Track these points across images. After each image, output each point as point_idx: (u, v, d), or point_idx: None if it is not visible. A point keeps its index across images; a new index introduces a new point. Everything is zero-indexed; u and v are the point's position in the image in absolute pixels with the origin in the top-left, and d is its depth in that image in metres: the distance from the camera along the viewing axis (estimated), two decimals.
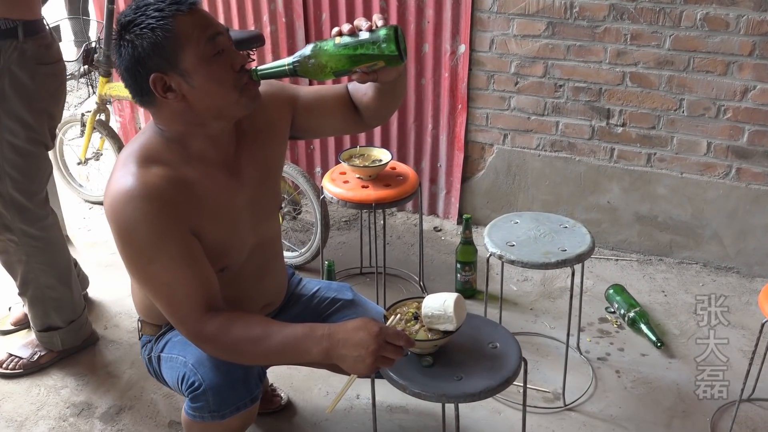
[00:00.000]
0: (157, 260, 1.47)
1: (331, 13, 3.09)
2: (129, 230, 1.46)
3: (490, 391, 1.54)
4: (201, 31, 1.44)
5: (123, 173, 1.48)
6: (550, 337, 2.52)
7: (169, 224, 1.47)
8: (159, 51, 1.42)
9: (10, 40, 2.03)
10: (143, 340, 1.83)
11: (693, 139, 2.78)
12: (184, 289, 1.49)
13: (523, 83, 2.93)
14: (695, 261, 2.93)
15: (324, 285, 1.97)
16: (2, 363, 2.38)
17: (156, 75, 1.44)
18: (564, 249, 2.09)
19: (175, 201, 1.47)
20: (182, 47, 1.42)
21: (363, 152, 2.59)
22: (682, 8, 2.60)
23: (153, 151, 1.51)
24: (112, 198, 1.47)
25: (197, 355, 1.61)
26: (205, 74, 1.44)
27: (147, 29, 1.41)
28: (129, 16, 1.44)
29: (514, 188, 3.12)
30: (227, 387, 1.59)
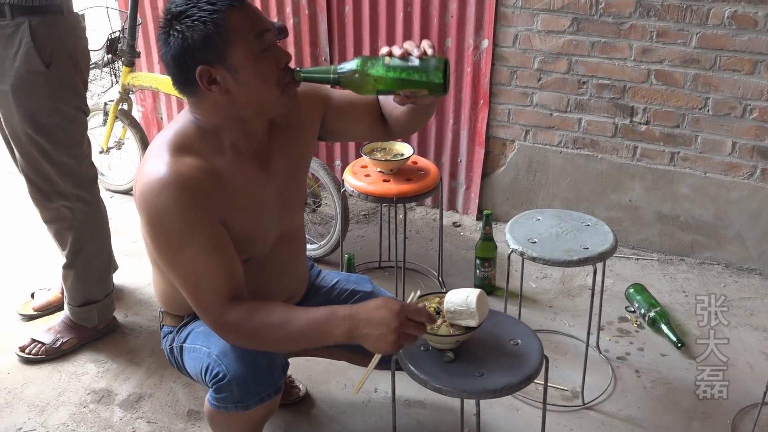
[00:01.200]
0: (186, 249, 1.49)
1: (354, 6, 3.08)
2: (160, 219, 1.48)
3: (511, 388, 1.54)
4: (251, 27, 1.46)
5: (156, 161, 1.50)
6: (569, 335, 2.51)
7: (200, 214, 1.49)
8: (209, 44, 1.44)
9: (59, 14, 2.13)
10: (164, 331, 1.85)
11: (718, 138, 2.75)
12: (211, 278, 1.50)
13: (546, 79, 2.91)
14: (717, 262, 2.90)
15: (343, 277, 1.99)
16: (25, 348, 2.41)
17: (203, 67, 1.46)
18: (586, 247, 2.08)
19: (206, 191, 1.49)
20: (232, 42, 1.44)
21: (385, 146, 2.59)
22: (710, 6, 2.57)
23: (186, 141, 1.53)
24: (145, 186, 1.49)
25: (221, 345, 1.62)
26: (252, 70, 1.46)
27: (199, 22, 1.43)
28: (180, 7, 1.45)
29: (534, 185, 3.11)
30: (252, 377, 1.60)
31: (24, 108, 2.13)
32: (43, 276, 2.83)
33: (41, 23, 2.09)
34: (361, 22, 3.10)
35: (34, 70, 2.10)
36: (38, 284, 2.75)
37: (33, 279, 2.83)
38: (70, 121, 2.24)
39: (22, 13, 2.06)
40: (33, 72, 2.10)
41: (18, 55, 2.08)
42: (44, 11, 2.09)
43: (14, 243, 3.14)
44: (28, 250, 3.07)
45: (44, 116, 2.17)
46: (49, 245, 3.01)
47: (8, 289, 2.79)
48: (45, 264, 2.93)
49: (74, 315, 2.42)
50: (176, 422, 2.15)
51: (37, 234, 3.15)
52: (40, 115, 2.16)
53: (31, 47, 2.08)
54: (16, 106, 2.13)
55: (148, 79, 3.17)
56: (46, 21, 2.10)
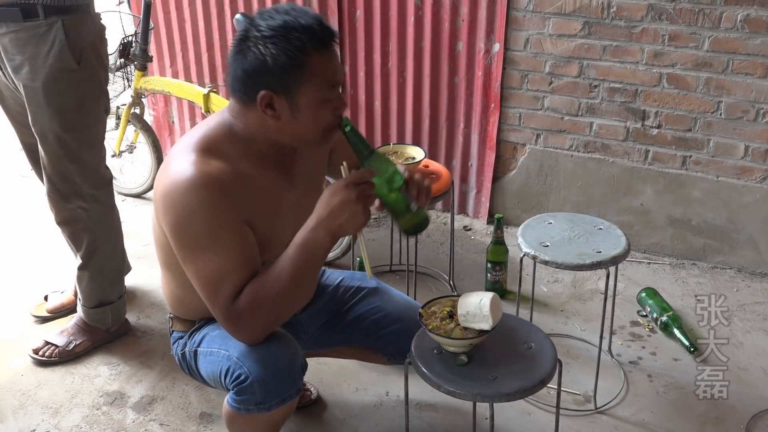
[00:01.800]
0: (211, 248, 1.51)
1: (366, 10, 3.09)
2: (187, 218, 1.50)
3: (524, 392, 1.54)
4: (328, 76, 1.50)
5: (182, 162, 1.52)
6: (580, 339, 2.51)
7: (227, 213, 1.51)
8: (284, 76, 1.47)
9: (87, 13, 2.20)
10: (174, 336, 1.85)
11: (730, 142, 2.74)
12: (231, 279, 1.52)
13: (557, 83, 2.91)
14: (729, 266, 2.89)
15: (347, 275, 2.02)
16: (39, 350, 2.42)
17: (268, 93, 1.49)
18: (599, 251, 2.07)
19: (232, 191, 1.52)
20: (305, 84, 1.48)
21: (396, 149, 2.59)
22: (722, 9, 2.57)
23: (214, 143, 1.55)
24: (171, 185, 1.51)
25: (241, 348, 1.63)
26: (311, 113, 1.51)
27: (284, 53, 1.45)
28: (272, 30, 1.46)
29: (545, 189, 3.10)
30: (273, 379, 1.61)
31: (54, 105, 2.17)
32: (57, 278, 2.85)
33: (72, 22, 2.14)
34: (372, 26, 3.11)
35: (66, 68, 2.15)
36: (51, 287, 2.77)
37: (46, 281, 2.85)
38: (96, 120, 2.30)
39: (54, 12, 2.11)
40: (65, 69, 2.15)
41: (51, 52, 2.12)
42: (74, 10, 2.14)
43: (28, 245, 3.15)
44: (42, 253, 3.09)
45: (72, 113, 2.21)
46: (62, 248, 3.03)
47: (22, 292, 2.80)
48: (58, 266, 2.95)
49: (88, 317, 2.44)
50: (189, 425, 2.16)
51: (50, 236, 3.17)
52: (69, 113, 2.20)
53: (65, 45, 2.13)
54: (46, 102, 2.16)
55: (160, 83, 3.19)
56: (76, 20, 2.15)
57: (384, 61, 3.15)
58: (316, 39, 1.46)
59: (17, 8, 2.08)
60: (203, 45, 3.47)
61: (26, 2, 2.08)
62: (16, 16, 2.09)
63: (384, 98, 3.22)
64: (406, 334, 1.73)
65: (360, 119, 3.29)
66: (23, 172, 3.81)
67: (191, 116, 3.68)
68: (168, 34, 3.54)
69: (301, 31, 1.45)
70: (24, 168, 3.85)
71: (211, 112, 3.02)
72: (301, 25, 1.46)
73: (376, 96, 3.23)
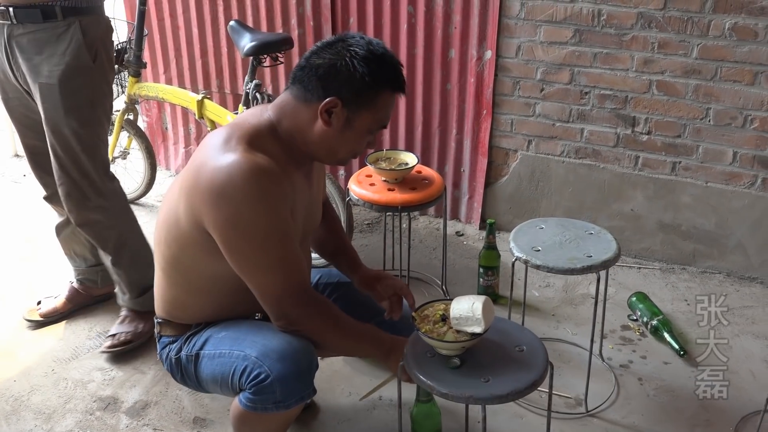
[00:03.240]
0: (272, 236, 1.57)
1: (359, 18, 3.12)
2: (249, 208, 1.53)
3: (517, 394, 1.55)
4: (385, 114, 1.65)
5: (230, 154, 1.55)
6: (572, 344, 2.53)
7: (281, 202, 1.58)
8: (357, 94, 1.58)
9: (100, 15, 2.28)
10: (163, 341, 1.85)
11: (719, 148, 2.77)
12: (293, 265, 1.61)
13: (548, 90, 2.94)
14: (719, 270, 2.92)
15: (324, 272, 2.08)
16: (114, 345, 2.45)
17: (335, 99, 1.57)
18: (590, 255, 2.10)
19: (283, 182, 1.58)
20: (368, 111, 1.60)
21: (389, 155, 2.61)
22: (711, 17, 2.61)
23: (258, 138, 1.61)
24: (227, 178, 1.52)
25: (259, 347, 1.65)
26: (355, 136, 1.64)
27: (370, 77, 1.57)
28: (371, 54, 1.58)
29: (537, 194, 3.13)
30: (294, 377, 1.64)
31: (69, 101, 2.21)
32: (49, 283, 2.85)
33: (88, 22, 2.22)
34: (365, 33, 3.13)
35: (82, 65, 2.21)
36: (44, 292, 2.77)
37: (38, 286, 2.85)
38: (107, 115, 2.37)
39: (72, 13, 2.18)
40: (81, 67, 2.20)
41: (68, 51, 2.18)
42: (90, 11, 2.23)
43: (20, 251, 3.15)
44: (34, 258, 3.08)
45: (87, 109, 2.27)
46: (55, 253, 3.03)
47: (14, 297, 2.80)
48: (50, 272, 2.95)
49: (140, 305, 2.49)
50: (182, 429, 2.16)
51: (43, 242, 3.17)
52: (84, 109, 2.26)
53: (82, 44, 2.20)
54: (62, 99, 2.20)
55: (154, 89, 3.20)
56: (91, 20, 2.23)
57: None
58: (397, 81, 1.62)
59: (38, 9, 2.14)
60: (197, 52, 3.48)
61: (45, 3, 2.14)
62: (36, 17, 2.15)
63: None
64: (388, 324, 1.82)
65: None
66: (16, 178, 3.81)
67: (185, 122, 3.69)
68: (162, 40, 3.55)
69: (392, 69, 1.61)
70: (17, 174, 3.85)
71: (205, 118, 3.03)
72: (394, 65, 1.62)
73: None
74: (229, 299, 1.74)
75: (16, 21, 2.17)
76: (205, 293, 1.75)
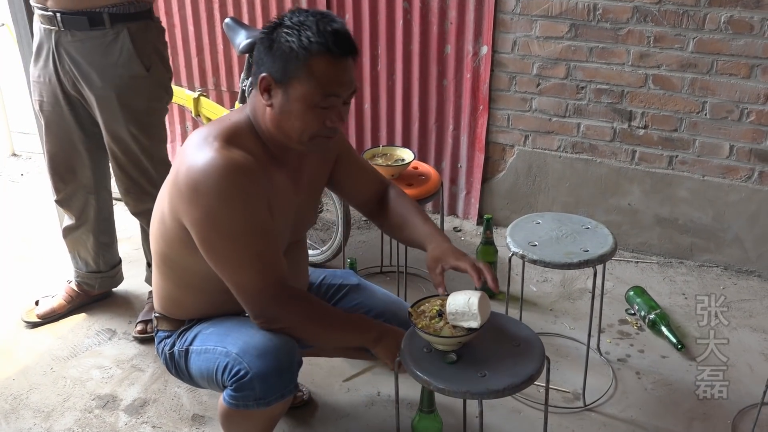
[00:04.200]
0: (246, 233, 1.55)
1: (354, 14, 3.11)
2: (222, 204, 1.53)
3: (513, 388, 1.55)
4: (326, 82, 1.53)
5: (207, 151, 1.55)
6: (569, 338, 2.53)
7: (257, 198, 1.56)
8: (284, 66, 1.52)
9: (149, 19, 2.27)
10: (159, 336, 1.86)
11: (715, 142, 2.77)
12: (268, 261, 1.59)
13: (545, 85, 2.94)
14: (716, 264, 2.92)
15: (329, 273, 2.06)
16: (144, 330, 2.50)
17: (268, 76, 1.54)
18: (586, 249, 2.10)
19: (259, 179, 1.57)
20: (300, 81, 1.52)
21: (386, 151, 2.61)
22: (706, 11, 2.60)
23: (236, 135, 1.60)
24: (201, 174, 1.53)
25: (240, 344, 1.65)
26: (298, 111, 1.55)
27: (289, 45, 1.51)
28: (292, 23, 1.53)
29: (534, 189, 3.13)
30: (274, 374, 1.63)
31: (127, 110, 2.25)
32: (47, 283, 2.85)
33: (137, 29, 2.21)
34: (361, 29, 3.13)
35: (137, 76, 2.21)
36: (41, 292, 2.77)
37: (35, 287, 2.85)
38: (162, 117, 2.41)
39: (119, 20, 2.16)
40: (135, 77, 2.21)
41: (119, 61, 2.19)
42: (138, 17, 2.21)
43: (17, 251, 3.15)
44: (31, 258, 3.08)
45: (143, 116, 2.29)
46: (52, 253, 3.04)
47: (11, 297, 2.80)
48: (48, 272, 2.95)
49: None
50: (181, 427, 2.17)
51: (40, 242, 3.18)
52: (141, 115, 2.28)
53: (133, 53, 2.19)
54: (120, 108, 2.24)
55: None
56: (141, 26, 2.22)
57: (373, 64, 3.17)
58: (324, 44, 1.50)
59: (84, 16, 2.13)
60: (193, 49, 3.48)
61: (92, 10, 2.13)
62: (82, 24, 2.14)
63: (374, 101, 3.24)
64: None
65: (350, 122, 3.31)
66: (14, 178, 3.81)
67: (181, 120, 3.69)
68: None
69: (314, 32, 1.51)
70: (14, 173, 3.85)
71: (201, 116, 3.03)
72: (317, 27, 1.52)
73: (366, 99, 3.25)
74: (218, 296, 1.73)
75: (63, 27, 2.16)
76: (196, 290, 1.75)
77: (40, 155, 3.30)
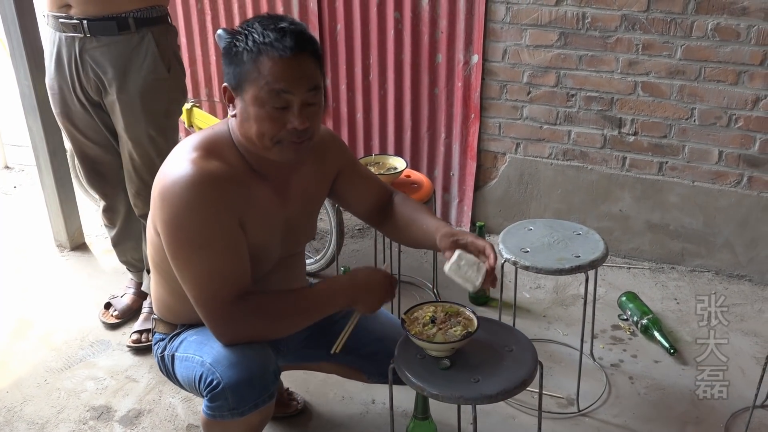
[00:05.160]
0: (206, 247, 1.53)
1: (346, 24, 3.14)
2: (184, 215, 1.52)
3: (506, 393, 1.56)
4: (273, 79, 1.50)
5: (183, 159, 1.55)
6: (563, 344, 2.54)
7: (223, 213, 1.54)
8: (237, 72, 1.53)
9: (168, 24, 2.34)
10: (156, 338, 1.86)
11: (704, 147, 2.80)
12: (224, 278, 1.55)
13: (535, 93, 2.97)
14: (707, 269, 2.94)
15: None
16: (138, 340, 2.52)
17: (227, 86, 1.57)
18: (578, 255, 2.11)
19: (230, 191, 1.55)
20: (250, 82, 1.51)
21: (378, 160, 2.63)
22: (693, 18, 2.63)
23: (216, 146, 1.60)
24: (170, 182, 1.53)
25: (214, 354, 1.63)
26: (255, 113, 1.53)
27: (237, 51, 1.52)
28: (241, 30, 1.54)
29: (526, 197, 3.15)
30: (245, 384, 1.61)
31: (148, 112, 2.29)
32: (37, 298, 2.84)
33: (160, 32, 2.28)
34: (352, 39, 3.15)
35: (160, 78, 2.26)
36: (33, 305, 2.76)
37: (27, 300, 2.85)
38: (177, 121, 2.45)
39: (144, 24, 2.24)
40: (159, 79, 2.26)
41: (145, 64, 2.25)
42: (160, 21, 2.29)
43: (11, 261, 3.14)
44: (25, 269, 3.08)
45: (162, 118, 2.33)
46: (45, 264, 3.04)
47: (5, 308, 2.80)
48: (41, 283, 2.95)
49: None
50: None
51: (33, 252, 3.17)
52: (160, 117, 2.32)
53: (157, 56, 2.26)
54: (142, 110, 2.28)
55: None
56: (162, 30, 2.29)
57: (365, 74, 3.19)
58: (269, 43, 1.49)
59: (113, 21, 2.19)
60: (186, 61, 3.49)
61: (119, 15, 2.19)
62: (111, 29, 2.20)
63: (366, 110, 3.26)
64: (388, 355, 1.72)
65: (342, 131, 3.33)
66: (6, 190, 3.81)
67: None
68: None
69: (259, 33, 1.50)
70: (7, 186, 3.85)
71: (194, 126, 3.04)
72: (262, 28, 1.50)
73: (358, 108, 3.27)
74: None
75: (90, 34, 2.20)
76: (183, 296, 1.72)
77: (33, 167, 3.31)
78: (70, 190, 3.17)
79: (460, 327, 1.65)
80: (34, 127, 2.99)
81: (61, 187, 3.10)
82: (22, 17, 2.80)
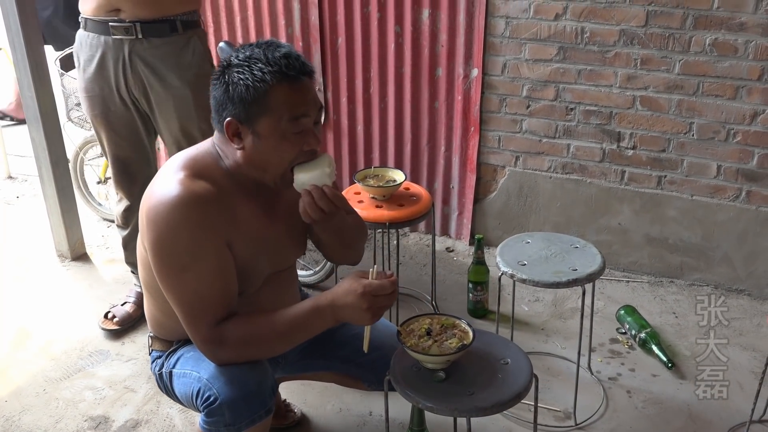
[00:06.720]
0: (191, 268, 1.53)
1: (347, 38, 3.16)
2: (170, 236, 1.52)
3: (501, 406, 1.57)
4: (290, 108, 1.52)
5: (169, 180, 1.55)
6: (561, 357, 2.54)
7: (209, 234, 1.54)
8: (245, 107, 1.52)
9: (202, 28, 2.49)
10: (153, 356, 1.87)
11: (703, 162, 2.81)
12: (210, 300, 1.55)
13: (534, 106, 2.98)
14: (706, 283, 2.95)
15: None
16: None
17: (232, 120, 1.54)
18: (575, 268, 2.12)
19: (217, 212, 1.55)
20: (265, 115, 1.52)
21: (377, 172, 2.64)
22: (692, 33, 2.65)
23: (203, 166, 1.60)
24: (156, 202, 1.53)
25: (211, 369, 1.64)
26: (274, 144, 1.55)
27: (243, 84, 1.51)
28: (239, 61, 1.53)
29: (525, 210, 3.16)
30: (242, 400, 1.60)
31: (201, 107, 2.37)
32: (42, 303, 2.85)
33: (201, 34, 2.46)
34: (353, 53, 3.18)
35: (206, 73, 2.33)
36: (33, 315, 2.77)
37: (30, 307, 2.86)
38: None
39: (189, 26, 2.41)
40: (206, 75, 2.30)
41: (193, 61, 2.41)
42: (199, 24, 2.46)
43: (12, 271, 3.16)
44: (26, 278, 3.09)
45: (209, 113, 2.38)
46: (47, 274, 3.05)
47: (5, 318, 2.81)
48: (43, 292, 2.96)
49: None
50: None
51: (35, 262, 3.19)
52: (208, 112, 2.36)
53: (203, 54, 2.44)
54: (195, 105, 2.41)
55: None
56: (201, 32, 2.47)
57: (366, 87, 3.21)
58: (279, 72, 1.50)
59: (166, 24, 2.34)
60: None
61: (169, 18, 2.34)
62: (164, 31, 2.34)
63: (366, 123, 3.28)
64: (386, 362, 1.72)
65: (343, 144, 3.35)
66: (9, 200, 3.83)
67: None
68: None
69: (265, 62, 1.51)
70: (10, 196, 3.87)
71: None
72: (266, 57, 1.51)
73: (359, 121, 3.29)
74: None
75: (142, 35, 2.31)
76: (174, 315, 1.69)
77: (35, 178, 3.33)
78: (72, 200, 3.19)
79: (455, 339, 1.66)
80: (36, 138, 3.02)
81: (62, 198, 3.12)
82: (26, 28, 2.83)
